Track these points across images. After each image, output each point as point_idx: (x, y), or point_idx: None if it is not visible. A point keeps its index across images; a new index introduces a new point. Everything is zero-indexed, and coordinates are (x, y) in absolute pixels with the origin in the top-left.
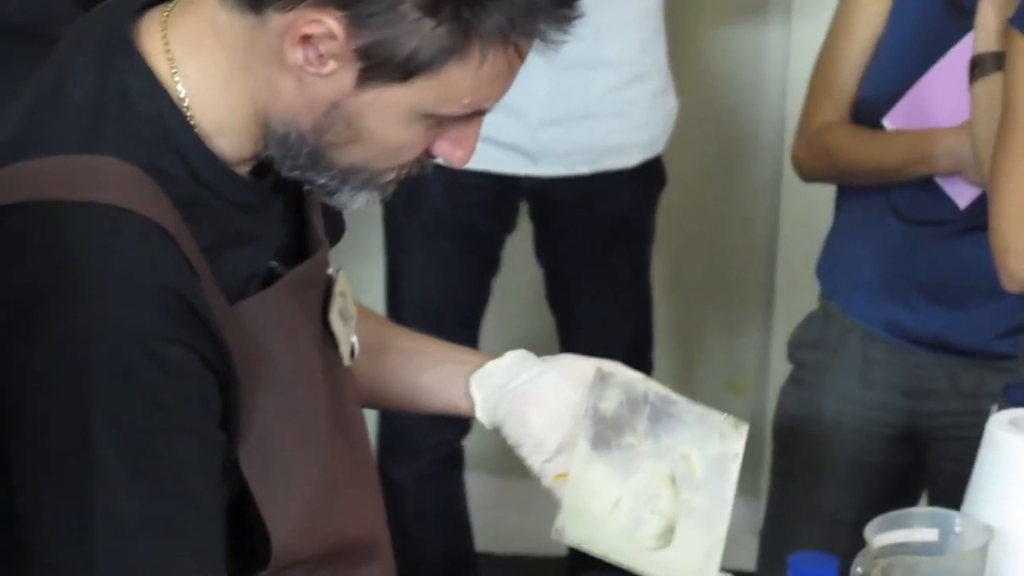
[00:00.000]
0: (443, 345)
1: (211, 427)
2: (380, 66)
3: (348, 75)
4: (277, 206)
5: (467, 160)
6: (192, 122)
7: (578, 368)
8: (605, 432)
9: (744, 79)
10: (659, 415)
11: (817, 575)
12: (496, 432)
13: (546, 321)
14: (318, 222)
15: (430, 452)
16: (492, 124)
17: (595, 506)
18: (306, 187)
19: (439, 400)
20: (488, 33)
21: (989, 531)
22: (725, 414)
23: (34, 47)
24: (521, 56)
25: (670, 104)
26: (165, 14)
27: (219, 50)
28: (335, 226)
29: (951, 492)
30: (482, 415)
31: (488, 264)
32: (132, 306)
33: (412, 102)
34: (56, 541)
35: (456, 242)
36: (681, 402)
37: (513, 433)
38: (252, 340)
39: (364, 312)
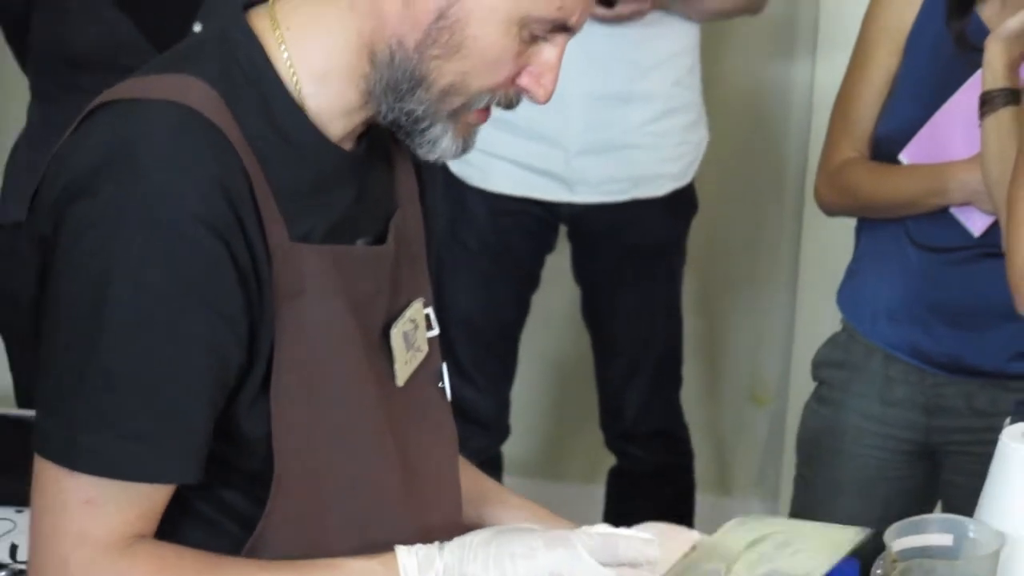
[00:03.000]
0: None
1: (222, 325)
2: None
3: None
4: (352, 185)
5: (548, 96)
6: (291, 71)
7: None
8: None
9: (771, 113)
10: None
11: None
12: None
13: (581, 334)
14: (410, 216)
15: (471, 458)
16: (533, 153)
17: None
18: (399, 133)
19: None
20: None
21: (1001, 537)
22: None
23: (102, 77)
24: None
25: (701, 136)
26: None
27: (323, 1)
28: (431, 211)
29: (963, 504)
30: None
31: (528, 282)
32: (174, 184)
33: (512, 2)
34: (55, 383)
35: (498, 262)
36: None
37: None
38: (298, 283)
39: (464, 464)
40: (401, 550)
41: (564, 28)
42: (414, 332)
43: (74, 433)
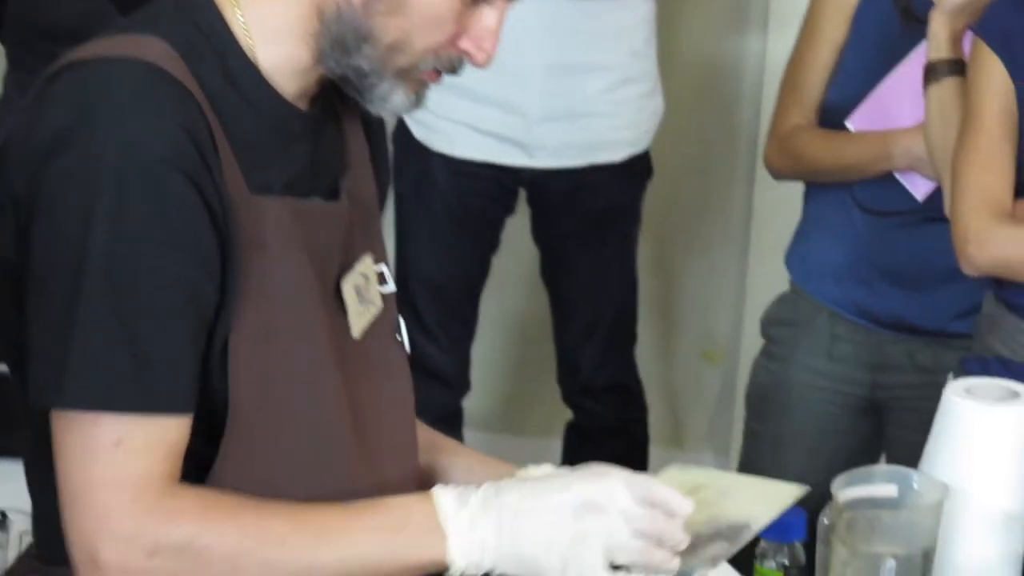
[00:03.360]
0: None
1: (198, 265)
2: None
3: None
4: (306, 143)
5: (488, 60)
6: (246, 32)
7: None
8: None
9: (724, 84)
10: None
11: (787, 525)
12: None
13: (540, 293)
14: (361, 177)
15: (432, 413)
16: (495, 120)
17: None
18: (349, 90)
19: None
20: None
21: (945, 487)
22: None
23: (75, 46)
24: None
25: (657, 105)
26: None
27: None
28: (381, 174)
29: (907, 456)
30: None
31: (489, 243)
32: (145, 132)
33: None
34: (41, 328)
35: (460, 224)
36: None
37: None
38: (259, 235)
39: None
40: (438, 487)
41: None
42: (365, 286)
43: (97, 376)
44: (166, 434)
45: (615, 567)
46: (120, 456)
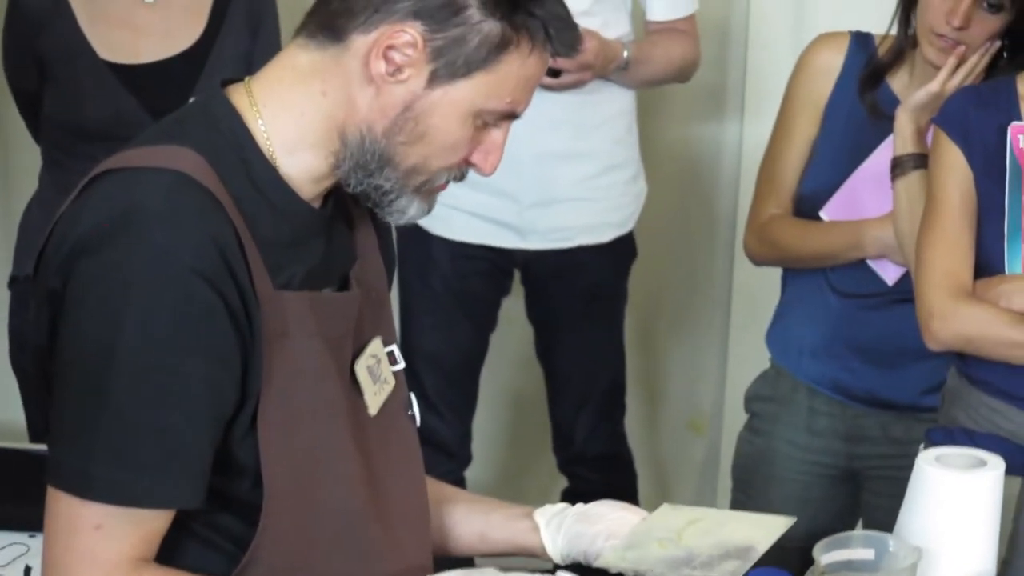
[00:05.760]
0: (500, 501)
1: (219, 367)
2: (449, 65)
3: (421, 77)
4: (322, 239)
5: (493, 170)
6: (267, 141)
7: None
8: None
9: (703, 169)
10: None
11: None
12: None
13: (535, 370)
14: (370, 266)
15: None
16: (490, 206)
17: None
18: (367, 203)
19: (505, 533)
20: (533, 31)
21: (918, 551)
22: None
23: (108, 146)
24: (544, 64)
25: (640, 189)
26: (249, 77)
27: (297, 84)
28: (387, 260)
29: (882, 521)
30: (547, 537)
31: (487, 322)
32: (173, 242)
33: (470, 98)
34: (68, 421)
35: (460, 303)
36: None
37: (583, 532)
38: (282, 326)
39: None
40: None
41: (512, 116)
42: (377, 366)
43: (88, 465)
44: (145, 524)
45: None
46: (98, 538)
